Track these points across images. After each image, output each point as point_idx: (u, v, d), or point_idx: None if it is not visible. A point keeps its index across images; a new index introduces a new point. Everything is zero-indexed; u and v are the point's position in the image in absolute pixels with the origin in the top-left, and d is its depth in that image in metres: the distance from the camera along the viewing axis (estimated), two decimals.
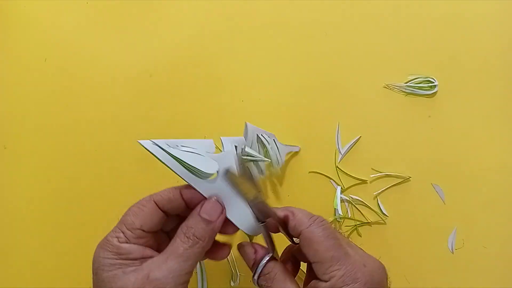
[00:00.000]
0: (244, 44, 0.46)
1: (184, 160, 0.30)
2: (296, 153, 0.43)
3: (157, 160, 0.30)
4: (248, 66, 0.45)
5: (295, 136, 0.43)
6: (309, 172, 0.43)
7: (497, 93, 0.41)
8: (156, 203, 0.31)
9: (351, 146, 0.42)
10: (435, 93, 0.42)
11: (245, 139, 0.36)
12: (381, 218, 0.41)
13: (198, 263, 0.43)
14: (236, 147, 0.32)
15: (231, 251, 0.43)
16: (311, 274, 0.31)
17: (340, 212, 0.41)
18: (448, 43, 0.42)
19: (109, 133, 0.47)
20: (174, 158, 0.30)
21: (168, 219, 0.32)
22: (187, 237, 0.29)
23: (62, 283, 0.46)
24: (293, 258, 0.34)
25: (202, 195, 0.31)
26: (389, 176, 0.41)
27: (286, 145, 0.42)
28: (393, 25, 0.43)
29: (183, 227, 0.30)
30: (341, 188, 0.42)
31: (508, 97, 0.41)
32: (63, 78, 0.49)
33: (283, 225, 0.31)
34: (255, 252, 0.32)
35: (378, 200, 0.41)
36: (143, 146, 0.30)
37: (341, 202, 0.42)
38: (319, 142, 0.43)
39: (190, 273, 0.29)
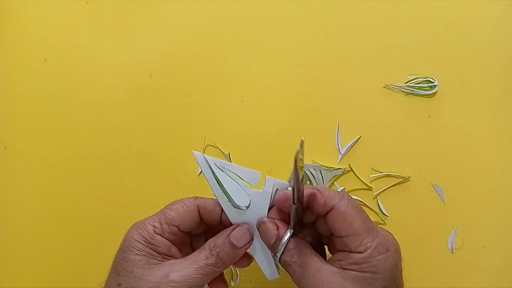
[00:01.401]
0: (244, 44, 0.46)
1: (223, 184, 0.32)
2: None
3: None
4: (248, 66, 0.45)
5: (295, 136, 0.43)
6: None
7: (497, 93, 0.41)
8: (198, 208, 0.32)
9: (350, 146, 0.42)
10: (435, 93, 0.42)
11: (292, 177, 0.37)
12: (381, 218, 0.41)
13: None
14: (277, 190, 0.33)
15: None
16: (334, 248, 0.31)
17: None
18: (448, 43, 0.42)
19: (109, 133, 0.47)
20: (216, 179, 0.32)
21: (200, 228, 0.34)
22: (211, 254, 0.31)
23: (63, 283, 0.46)
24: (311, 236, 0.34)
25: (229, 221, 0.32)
26: (389, 176, 0.41)
27: (331, 170, 0.42)
28: (393, 25, 0.43)
29: (211, 243, 0.31)
30: (344, 190, 0.42)
31: (508, 97, 0.41)
32: (63, 78, 0.49)
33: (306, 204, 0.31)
34: (277, 228, 0.32)
35: (378, 200, 0.41)
36: (195, 157, 0.32)
37: None
38: (319, 142, 0.43)
39: (203, 286, 0.31)
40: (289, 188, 0.34)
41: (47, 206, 0.47)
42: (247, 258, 0.34)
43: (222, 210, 0.32)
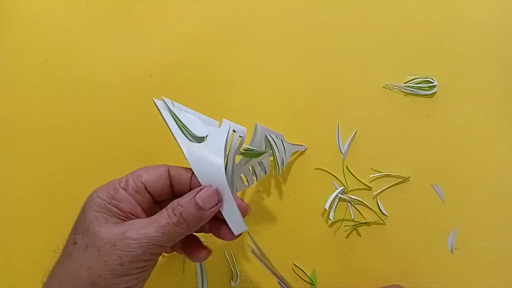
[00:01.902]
0: (244, 44, 0.46)
1: (181, 120, 0.31)
2: (298, 153, 0.43)
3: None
4: (248, 66, 0.46)
5: (295, 136, 0.43)
6: (316, 169, 0.43)
7: (497, 93, 0.41)
8: (168, 171, 0.31)
9: (349, 144, 0.42)
10: (434, 93, 0.42)
11: (254, 138, 0.36)
12: (381, 218, 0.41)
13: (198, 263, 0.43)
14: (234, 131, 0.33)
15: (231, 252, 0.43)
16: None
17: (331, 216, 0.41)
18: (447, 43, 0.42)
19: (109, 133, 0.47)
20: (173, 117, 0.31)
21: (171, 200, 0.32)
22: (174, 213, 0.29)
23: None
24: None
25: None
26: (389, 176, 0.41)
27: (293, 144, 0.42)
28: (393, 25, 0.43)
29: (175, 203, 0.30)
30: (344, 189, 0.42)
31: (508, 97, 0.41)
32: (63, 78, 0.49)
33: None
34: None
35: (378, 200, 0.41)
36: (155, 104, 0.31)
37: (340, 201, 0.42)
38: (319, 142, 0.43)
39: (163, 247, 0.29)
40: (243, 134, 0.34)
41: (47, 206, 0.47)
42: (228, 232, 0.32)
43: (192, 174, 0.31)
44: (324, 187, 0.42)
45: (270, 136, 0.38)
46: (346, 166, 0.42)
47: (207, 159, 0.31)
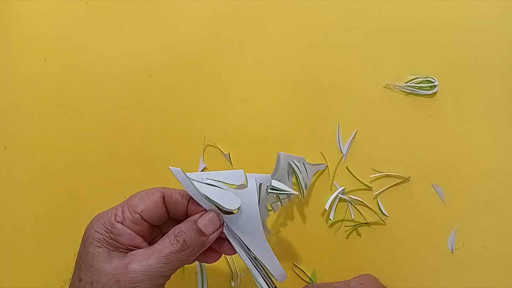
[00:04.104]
0: (244, 44, 0.46)
1: (209, 196, 0.30)
2: (298, 153, 0.43)
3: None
4: (248, 66, 0.45)
5: (295, 136, 0.43)
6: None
7: (497, 93, 0.41)
8: (164, 197, 0.31)
9: (349, 144, 0.42)
10: (435, 93, 0.42)
11: (277, 168, 0.37)
12: (381, 218, 0.41)
13: (198, 263, 0.43)
14: (260, 184, 0.32)
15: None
16: None
17: (331, 217, 0.41)
18: (448, 43, 0.42)
19: (109, 133, 0.47)
20: (199, 193, 0.30)
21: (169, 222, 0.32)
22: (177, 240, 0.29)
23: (63, 283, 0.46)
24: None
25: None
26: (389, 176, 0.41)
27: (314, 164, 0.42)
28: (393, 25, 0.43)
29: (176, 229, 0.29)
30: (344, 189, 0.42)
31: (508, 97, 0.41)
32: (63, 78, 0.49)
33: None
34: None
35: (378, 200, 0.41)
36: (172, 173, 0.30)
37: (340, 201, 0.42)
38: (319, 142, 0.43)
39: (168, 276, 0.29)
40: (273, 181, 0.34)
41: (47, 206, 0.47)
42: (215, 253, 0.32)
43: (189, 201, 0.31)
44: (324, 187, 0.42)
45: (293, 162, 0.38)
46: (346, 166, 0.42)
47: (246, 227, 0.31)
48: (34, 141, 0.48)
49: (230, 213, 0.31)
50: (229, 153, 0.44)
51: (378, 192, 0.41)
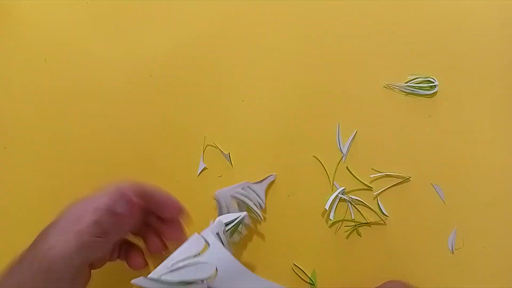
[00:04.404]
0: (244, 44, 0.46)
1: (185, 279, 0.30)
2: (298, 153, 0.43)
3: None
4: (248, 66, 0.45)
5: (295, 136, 0.43)
6: (316, 169, 0.43)
7: (497, 93, 0.41)
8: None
9: (349, 144, 0.42)
10: (435, 93, 0.42)
11: (221, 208, 0.38)
12: (381, 218, 0.41)
13: None
14: (218, 233, 0.33)
15: None
16: None
17: (331, 217, 0.41)
18: (448, 43, 0.42)
19: (109, 133, 0.47)
20: (176, 282, 0.30)
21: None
22: None
23: None
24: None
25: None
26: (389, 176, 0.41)
27: (262, 180, 0.42)
28: (393, 25, 0.43)
29: None
30: (344, 189, 0.42)
31: (508, 97, 0.41)
32: (63, 78, 0.49)
33: None
34: None
35: (378, 200, 0.41)
36: (137, 284, 0.29)
37: (341, 201, 0.42)
38: (319, 142, 0.43)
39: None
40: (220, 217, 0.35)
41: (47, 206, 0.47)
42: (139, 258, 0.35)
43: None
44: (324, 187, 0.42)
45: (235, 193, 0.39)
46: (347, 166, 0.42)
47: (232, 279, 0.31)
48: (34, 141, 0.48)
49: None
50: (229, 153, 0.44)
51: (378, 192, 0.41)
